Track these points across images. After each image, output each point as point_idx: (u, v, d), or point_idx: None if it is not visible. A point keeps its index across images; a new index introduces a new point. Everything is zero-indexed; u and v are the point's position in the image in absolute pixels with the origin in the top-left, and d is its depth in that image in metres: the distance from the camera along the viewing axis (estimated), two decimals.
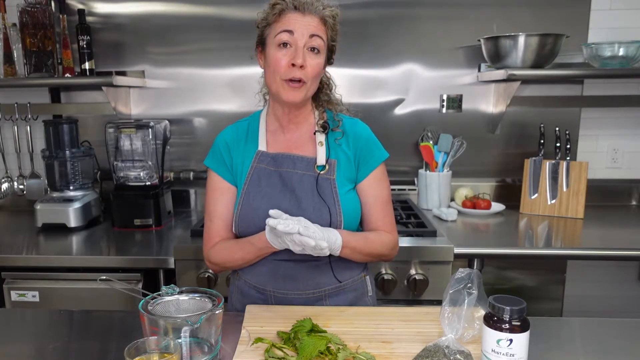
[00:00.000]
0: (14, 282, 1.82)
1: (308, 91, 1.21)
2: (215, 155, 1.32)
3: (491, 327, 0.87)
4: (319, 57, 1.19)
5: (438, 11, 2.29)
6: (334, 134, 1.28)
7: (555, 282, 2.00)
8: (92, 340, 1.14)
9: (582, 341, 1.12)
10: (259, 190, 1.25)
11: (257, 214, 1.22)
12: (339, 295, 1.29)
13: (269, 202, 1.22)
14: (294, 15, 1.17)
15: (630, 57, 2.04)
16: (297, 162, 1.26)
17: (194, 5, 2.31)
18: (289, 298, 1.26)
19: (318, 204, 1.22)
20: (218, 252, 1.28)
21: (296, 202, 1.23)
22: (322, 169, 1.25)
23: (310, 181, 1.24)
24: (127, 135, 2.15)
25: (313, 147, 1.28)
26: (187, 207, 2.47)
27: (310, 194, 1.23)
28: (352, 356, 0.96)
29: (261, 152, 1.28)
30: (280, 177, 1.25)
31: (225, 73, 2.35)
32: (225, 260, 1.28)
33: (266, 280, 1.27)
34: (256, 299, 1.29)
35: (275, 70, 1.18)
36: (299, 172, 1.25)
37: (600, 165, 2.41)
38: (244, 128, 1.34)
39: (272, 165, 1.27)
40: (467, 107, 2.37)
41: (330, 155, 1.26)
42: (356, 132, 1.30)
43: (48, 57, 2.20)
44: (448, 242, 1.78)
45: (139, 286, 1.73)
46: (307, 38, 1.17)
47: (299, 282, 1.26)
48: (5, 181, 2.41)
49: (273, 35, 1.19)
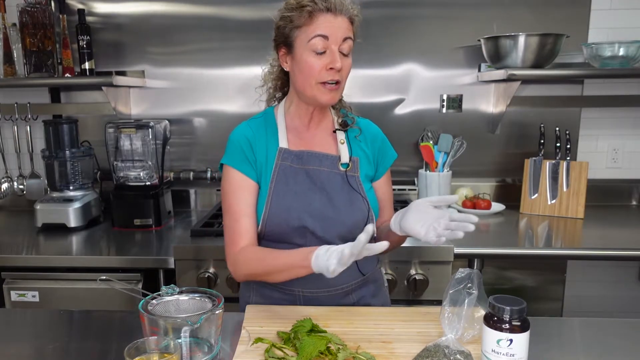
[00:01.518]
0: (14, 282, 1.82)
1: (340, 92, 1.23)
2: (235, 152, 1.25)
3: (491, 327, 0.87)
4: (349, 58, 1.20)
5: (438, 11, 2.29)
6: (353, 132, 1.30)
7: (556, 282, 2.00)
8: (92, 340, 1.14)
9: (582, 341, 1.12)
10: (287, 188, 1.22)
11: (289, 212, 1.20)
12: (362, 288, 1.29)
13: (300, 201, 1.21)
14: (326, 17, 1.13)
15: (630, 57, 2.04)
16: (323, 159, 1.25)
17: (194, 5, 2.31)
18: (319, 298, 1.25)
19: (349, 200, 1.22)
20: (246, 262, 1.19)
21: (327, 200, 1.22)
22: (346, 167, 1.25)
23: (337, 179, 1.24)
24: (127, 135, 2.15)
25: (333, 144, 1.28)
26: (187, 207, 2.47)
27: (340, 191, 1.23)
28: (352, 356, 0.96)
29: (284, 150, 1.25)
30: (308, 175, 1.24)
31: (225, 73, 2.35)
32: (254, 272, 1.19)
33: (294, 281, 1.23)
34: (281, 301, 1.26)
35: (310, 75, 1.17)
36: (326, 169, 1.25)
37: (601, 165, 2.41)
38: (261, 124, 1.30)
39: (296, 163, 1.24)
40: (467, 107, 2.37)
41: (352, 153, 1.27)
42: (372, 132, 1.33)
43: (48, 57, 2.20)
44: (448, 242, 1.78)
45: (139, 286, 1.74)
46: (341, 42, 1.16)
47: (327, 280, 1.21)
48: (5, 181, 2.41)
49: (305, 39, 1.15)
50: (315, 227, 1.20)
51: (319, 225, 1.21)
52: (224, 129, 2.36)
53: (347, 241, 1.19)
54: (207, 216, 2.09)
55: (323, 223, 1.21)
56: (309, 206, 1.21)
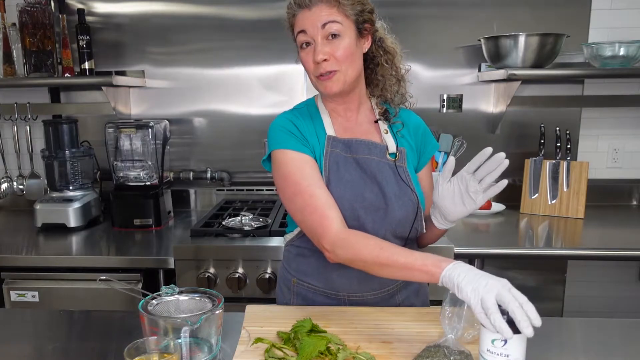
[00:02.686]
0: (14, 282, 1.82)
1: (346, 76, 1.16)
2: (285, 136, 1.18)
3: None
4: (342, 39, 1.13)
5: (438, 11, 2.29)
6: (395, 126, 1.27)
7: (556, 282, 2.00)
8: (92, 340, 1.14)
9: (582, 341, 1.12)
10: (339, 177, 1.18)
11: (342, 203, 1.14)
12: (407, 287, 1.28)
13: (352, 191, 1.17)
14: (303, 14, 1.15)
15: (630, 56, 2.04)
16: (372, 148, 1.21)
17: (194, 5, 2.31)
18: (365, 300, 1.23)
19: (400, 191, 1.19)
20: (359, 246, 1.05)
21: (379, 190, 1.19)
22: (394, 157, 1.23)
23: (386, 168, 1.21)
24: (127, 135, 2.15)
25: (377, 134, 1.26)
26: (187, 207, 2.47)
27: (391, 181, 1.20)
28: (352, 356, 0.95)
29: (332, 137, 1.21)
30: (358, 164, 1.20)
31: (225, 73, 2.35)
32: (363, 258, 1.04)
33: (340, 286, 1.22)
34: (325, 305, 1.24)
35: (308, 70, 1.19)
36: (376, 158, 1.21)
37: (601, 165, 2.41)
38: (305, 112, 1.26)
39: (345, 151, 1.21)
40: (467, 107, 2.37)
41: (398, 143, 1.25)
42: (414, 122, 1.31)
43: (48, 57, 2.20)
44: (448, 242, 1.78)
45: (138, 286, 1.73)
46: (321, 29, 1.13)
47: (373, 282, 1.22)
48: (5, 181, 2.41)
49: (295, 39, 1.19)
50: (366, 219, 1.17)
51: (371, 218, 1.17)
52: (224, 129, 2.39)
53: (397, 236, 1.18)
54: (207, 216, 2.09)
55: (375, 215, 1.17)
56: (361, 196, 1.17)
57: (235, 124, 2.37)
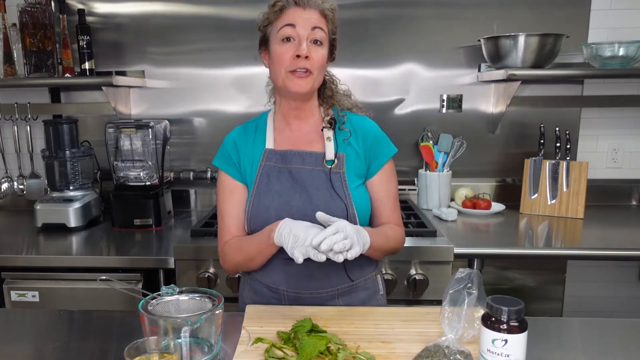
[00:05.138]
0: (14, 282, 1.82)
1: (315, 82, 1.22)
2: (223, 155, 1.33)
3: (487, 327, 0.87)
4: (322, 48, 1.21)
5: (438, 11, 2.29)
6: (342, 134, 1.28)
7: (556, 282, 2.00)
8: (92, 340, 1.14)
9: (582, 341, 1.12)
10: (269, 188, 1.25)
11: (269, 212, 1.22)
12: (352, 294, 1.29)
13: (280, 200, 1.23)
14: (294, 10, 1.18)
15: (630, 57, 2.04)
16: (305, 157, 1.26)
17: (194, 5, 2.31)
18: (302, 298, 1.26)
19: (330, 198, 1.22)
20: (230, 253, 1.28)
21: (307, 198, 1.22)
22: (331, 164, 1.25)
23: (321, 176, 1.24)
24: (127, 135, 2.15)
25: (321, 143, 1.28)
26: (187, 207, 2.47)
27: (321, 188, 1.23)
28: (352, 356, 0.95)
29: (269, 150, 1.28)
30: (290, 174, 1.26)
31: (225, 73, 2.35)
32: (235, 256, 1.26)
33: (280, 280, 1.26)
34: (269, 298, 1.29)
35: (280, 64, 1.19)
36: (309, 167, 1.25)
37: (601, 165, 2.41)
38: (252, 128, 1.35)
39: (280, 162, 1.27)
40: (467, 107, 2.37)
41: (338, 150, 1.27)
42: (365, 128, 1.30)
43: (48, 57, 2.20)
44: (448, 242, 1.78)
45: (138, 286, 1.73)
46: (310, 30, 1.18)
47: (312, 281, 1.25)
48: (5, 181, 2.41)
49: (275, 31, 1.20)
50: None
51: None
52: (224, 129, 2.36)
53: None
54: (207, 216, 2.09)
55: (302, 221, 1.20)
56: (288, 205, 1.22)
57: (236, 124, 2.33)
